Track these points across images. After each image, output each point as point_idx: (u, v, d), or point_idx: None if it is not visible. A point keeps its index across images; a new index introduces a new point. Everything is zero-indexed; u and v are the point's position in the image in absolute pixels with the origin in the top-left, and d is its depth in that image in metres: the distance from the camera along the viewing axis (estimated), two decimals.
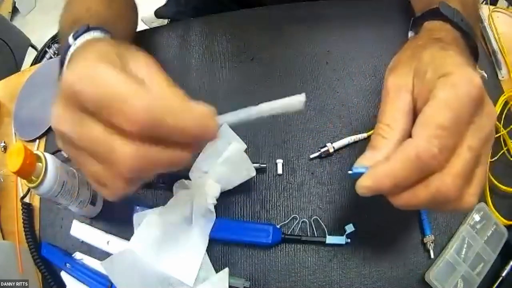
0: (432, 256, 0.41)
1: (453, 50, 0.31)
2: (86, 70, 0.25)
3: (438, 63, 0.29)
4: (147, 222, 0.43)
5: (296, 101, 0.28)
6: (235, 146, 0.42)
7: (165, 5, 0.76)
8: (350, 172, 0.30)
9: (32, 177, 0.39)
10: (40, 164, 0.39)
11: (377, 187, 0.27)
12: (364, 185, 0.28)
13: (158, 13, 0.75)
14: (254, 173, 0.43)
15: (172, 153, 0.26)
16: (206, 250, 0.42)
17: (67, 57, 0.36)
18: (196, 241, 0.42)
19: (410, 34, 0.42)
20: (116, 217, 0.47)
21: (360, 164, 0.29)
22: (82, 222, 0.47)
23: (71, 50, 0.36)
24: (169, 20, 0.79)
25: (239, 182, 0.43)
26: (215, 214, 0.43)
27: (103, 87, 0.24)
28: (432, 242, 0.41)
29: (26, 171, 0.38)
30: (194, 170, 0.44)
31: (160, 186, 0.47)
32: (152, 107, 0.23)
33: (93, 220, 0.48)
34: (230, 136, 0.43)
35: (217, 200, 0.43)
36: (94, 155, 0.26)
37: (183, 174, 0.45)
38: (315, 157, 0.46)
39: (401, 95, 0.30)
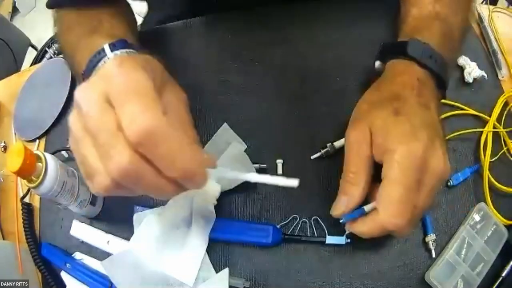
0: (434, 255, 0.41)
1: (405, 114, 0.35)
2: (121, 70, 0.27)
3: (386, 131, 0.34)
4: (147, 222, 0.43)
5: (290, 184, 0.32)
6: (235, 146, 0.42)
7: (152, 10, 0.76)
8: (341, 221, 0.38)
9: (32, 177, 0.39)
10: (40, 164, 0.39)
11: (356, 232, 0.37)
12: (350, 229, 0.38)
13: (144, 24, 0.75)
14: (254, 171, 0.43)
15: (158, 179, 0.27)
16: (206, 250, 0.42)
17: (101, 63, 0.37)
18: (196, 241, 0.42)
19: (377, 64, 0.43)
20: (116, 217, 0.47)
21: (336, 210, 0.38)
22: (82, 222, 0.47)
23: (108, 59, 0.37)
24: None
25: (239, 182, 0.43)
26: (215, 214, 0.43)
27: (132, 90, 0.26)
28: (434, 242, 0.41)
29: (26, 171, 0.38)
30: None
31: None
32: (156, 128, 0.25)
33: (93, 220, 0.48)
34: (230, 136, 0.43)
35: (217, 200, 0.43)
36: (97, 144, 0.27)
37: None
38: (315, 158, 0.46)
39: (362, 148, 0.36)
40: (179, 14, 0.61)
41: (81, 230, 0.47)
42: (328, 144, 0.46)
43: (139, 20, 0.73)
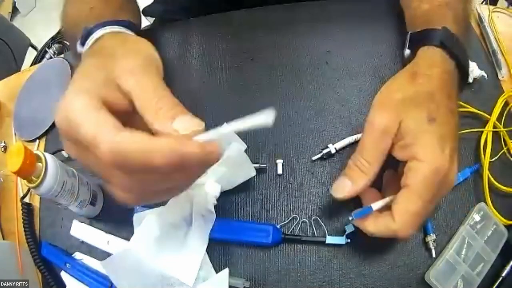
0: (434, 255, 0.41)
1: (437, 124, 0.34)
2: (65, 113, 0.27)
3: (418, 137, 0.34)
4: (147, 222, 0.43)
5: (265, 121, 0.27)
6: (235, 146, 0.42)
7: (152, 3, 0.76)
8: (350, 218, 0.37)
9: (32, 177, 0.39)
10: (40, 164, 0.39)
11: (363, 229, 0.38)
12: (358, 225, 0.38)
13: (146, 12, 0.75)
14: (254, 173, 0.43)
15: (161, 185, 0.28)
16: (206, 250, 0.42)
17: (91, 39, 0.37)
18: (196, 241, 0.42)
19: (407, 52, 0.42)
20: (116, 217, 0.47)
21: (337, 193, 0.37)
22: (82, 222, 0.47)
23: (98, 34, 0.37)
24: (157, 19, 0.78)
25: (239, 182, 0.43)
26: (215, 214, 0.43)
27: (77, 132, 0.26)
28: (434, 241, 0.41)
29: (26, 171, 0.38)
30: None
31: None
32: (115, 149, 0.25)
33: (93, 220, 0.48)
34: (231, 136, 0.43)
35: (217, 200, 0.43)
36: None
37: None
38: (316, 158, 0.46)
39: (385, 139, 0.35)
40: (180, 9, 0.61)
41: (81, 230, 0.47)
42: (329, 145, 0.46)
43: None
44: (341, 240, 0.42)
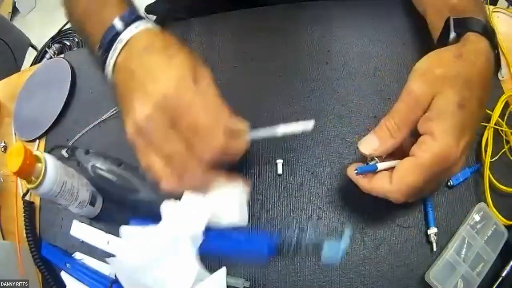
0: (435, 248, 0.41)
1: (465, 112, 0.35)
2: (181, 91, 0.33)
3: (443, 116, 0.34)
4: (132, 241, 0.40)
5: (305, 125, 0.38)
6: (237, 189, 0.41)
7: (156, 2, 0.76)
8: (355, 171, 0.37)
9: (32, 178, 0.39)
10: (39, 164, 0.39)
11: (358, 184, 0.38)
12: (354, 180, 0.39)
13: (148, 10, 0.75)
14: (246, 223, 0.40)
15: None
16: (205, 253, 0.41)
17: (119, 43, 0.37)
18: (184, 267, 0.38)
19: (452, 35, 0.42)
20: (116, 217, 0.47)
21: (365, 149, 0.37)
22: (82, 222, 0.47)
23: (126, 36, 0.37)
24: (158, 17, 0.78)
25: (227, 223, 0.39)
26: (202, 238, 0.39)
27: (199, 117, 0.33)
28: (435, 235, 0.41)
29: (26, 172, 0.38)
30: (187, 193, 0.40)
31: None
32: (225, 149, 0.33)
33: (93, 221, 0.48)
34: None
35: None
36: (167, 160, 0.34)
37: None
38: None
39: (417, 108, 0.36)
40: (183, 9, 0.61)
41: (81, 230, 0.47)
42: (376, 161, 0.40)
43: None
44: (336, 260, 0.40)
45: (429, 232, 0.42)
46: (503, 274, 0.40)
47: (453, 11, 0.43)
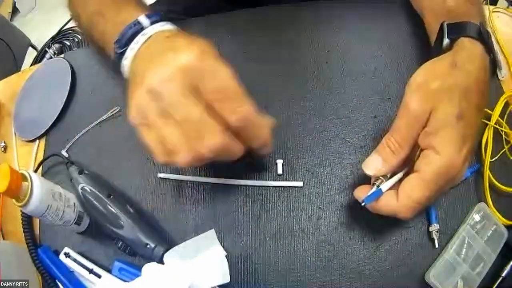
0: (437, 245, 0.41)
1: (464, 122, 0.35)
2: (206, 58, 0.33)
3: (442, 130, 0.34)
4: None
5: None
6: (215, 250, 0.41)
7: (156, 3, 0.76)
8: (362, 203, 0.37)
9: (20, 196, 0.39)
10: (26, 183, 0.40)
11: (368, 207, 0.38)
12: (366, 204, 0.38)
13: None
14: (228, 280, 0.40)
15: (239, 146, 0.35)
16: None
17: (143, 35, 0.38)
18: None
19: (446, 42, 0.42)
20: (102, 236, 0.46)
21: (369, 169, 0.38)
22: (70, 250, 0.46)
23: (150, 31, 0.38)
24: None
25: (210, 285, 0.40)
26: None
27: (227, 81, 0.33)
28: (437, 231, 0.41)
29: (13, 192, 0.39)
30: (170, 255, 0.41)
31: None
32: (251, 119, 0.34)
33: (81, 234, 0.48)
34: (213, 241, 0.42)
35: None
36: (182, 128, 0.32)
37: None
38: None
39: (416, 125, 0.36)
40: (184, 9, 0.61)
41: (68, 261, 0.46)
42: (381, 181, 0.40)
43: None
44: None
45: (430, 229, 0.42)
46: (503, 274, 0.40)
47: (449, 15, 0.43)
